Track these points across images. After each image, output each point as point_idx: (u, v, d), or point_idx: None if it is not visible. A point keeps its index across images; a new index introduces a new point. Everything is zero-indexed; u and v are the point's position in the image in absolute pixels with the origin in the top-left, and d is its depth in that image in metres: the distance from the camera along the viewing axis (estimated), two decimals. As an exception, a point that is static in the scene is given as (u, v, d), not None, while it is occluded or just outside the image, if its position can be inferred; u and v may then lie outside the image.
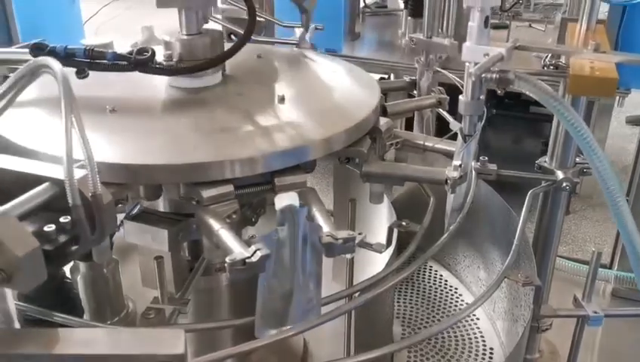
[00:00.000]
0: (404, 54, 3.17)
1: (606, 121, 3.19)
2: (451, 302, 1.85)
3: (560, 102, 1.06)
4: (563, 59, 1.80)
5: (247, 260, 0.87)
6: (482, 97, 1.14)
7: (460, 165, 1.14)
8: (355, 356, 1.11)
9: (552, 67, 2.12)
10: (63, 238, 0.82)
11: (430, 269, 1.98)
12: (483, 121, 1.17)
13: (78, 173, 0.87)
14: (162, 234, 1.15)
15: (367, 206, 1.38)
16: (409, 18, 3.18)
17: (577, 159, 1.58)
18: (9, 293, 0.93)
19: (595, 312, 1.35)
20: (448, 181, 1.13)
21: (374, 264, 1.43)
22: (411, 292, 1.88)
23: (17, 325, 1.12)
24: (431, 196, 1.39)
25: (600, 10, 1.58)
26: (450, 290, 1.90)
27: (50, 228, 0.81)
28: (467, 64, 1.12)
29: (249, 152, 1.06)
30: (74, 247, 0.83)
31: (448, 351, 1.64)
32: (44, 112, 1.18)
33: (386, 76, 3.01)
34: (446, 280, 1.95)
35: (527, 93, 1.08)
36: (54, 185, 0.87)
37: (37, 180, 0.87)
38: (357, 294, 1.16)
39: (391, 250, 1.34)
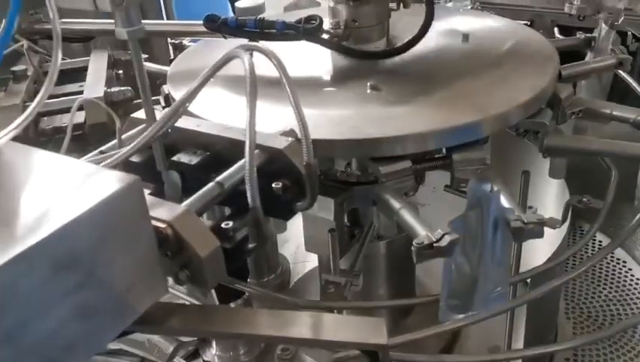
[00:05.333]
0: (550, -3, 2.89)
1: None
2: (619, 277, 1.72)
3: None
4: None
5: (434, 244, 0.85)
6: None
7: (661, 140, 1.02)
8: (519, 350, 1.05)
9: None
10: (240, 235, 0.81)
11: (593, 240, 1.84)
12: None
13: (285, 142, 0.91)
14: (329, 203, 1.16)
15: (533, 176, 1.30)
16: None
17: None
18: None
19: None
20: (646, 158, 1.02)
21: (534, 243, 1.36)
22: (573, 262, 1.76)
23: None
24: (612, 169, 1.27)
25: None
26: (618, 264, 1.77)
27: (227, 225, 0.81)
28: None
29: (426, 127, 1.02)
30: (250, 245, 0.82)
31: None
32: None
33: (528, 23, 2.78)
34: (612, 252, 1.80)
35: None
36: (263, 152, 0.90)
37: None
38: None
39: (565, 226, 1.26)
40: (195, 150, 0.97)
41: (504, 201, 0.95)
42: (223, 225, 0.81)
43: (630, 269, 1.75)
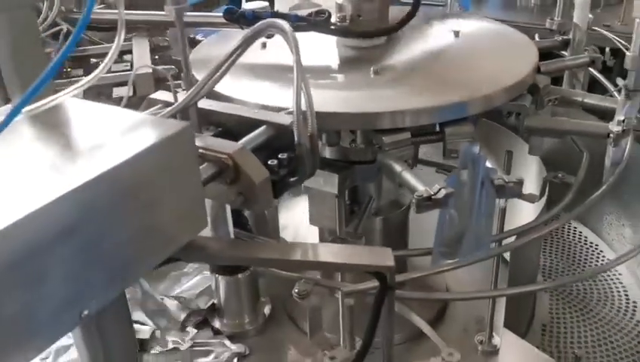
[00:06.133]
0: (533, 14, 3.09)
1: None
2: (592, 258, 1.90)
3: None
4: None
5: (433, 196, 1.00)
6: (650, 54, 1.18)
7: (624, 120, 1.19)
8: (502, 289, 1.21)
9: None
10: (283, 171, 0.98)
11: (569, 225, 2.02)
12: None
13: (290, 119, 1.04)
14: (333, 179, 1.31)
15: (515, 163, 1.47)
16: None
17: None
18: (229, 217, 1.14)
19: None
20: (611, 135, 1.19)
21: (520, 216, 1.51)
22: (551, 247, 1.95)
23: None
24: (584, 151, 1.44)
25: None
26: (590, 246, 1.96)
27: (273, 162, 0.97)
28: (637, 20, 1.17)
29: (423, 104, 1.18)
30: (292, 179, 0.99)
31: (590, 302, 1.71)
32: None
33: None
34: (586, 236, 2.00)
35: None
36: (270, 128, 1.04)
37: (255, 124, 1.05)
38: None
39: (543, 201, 1.42)
40: (208, 126, 1.11)
41: (489, 164, 1.11)
42: (269, 163, 0.96)
43: (602, 251, 1.94)
